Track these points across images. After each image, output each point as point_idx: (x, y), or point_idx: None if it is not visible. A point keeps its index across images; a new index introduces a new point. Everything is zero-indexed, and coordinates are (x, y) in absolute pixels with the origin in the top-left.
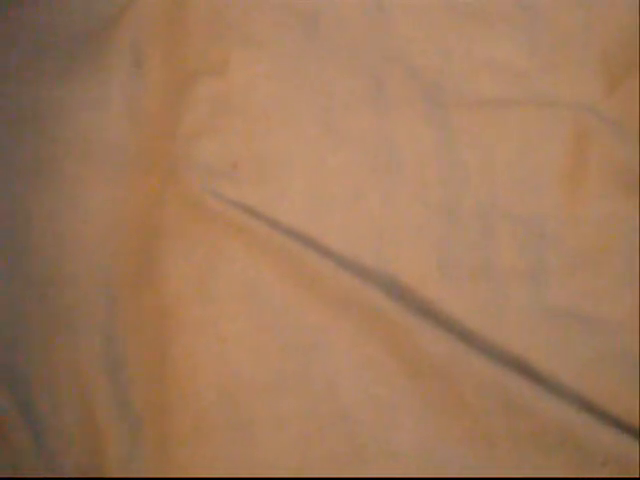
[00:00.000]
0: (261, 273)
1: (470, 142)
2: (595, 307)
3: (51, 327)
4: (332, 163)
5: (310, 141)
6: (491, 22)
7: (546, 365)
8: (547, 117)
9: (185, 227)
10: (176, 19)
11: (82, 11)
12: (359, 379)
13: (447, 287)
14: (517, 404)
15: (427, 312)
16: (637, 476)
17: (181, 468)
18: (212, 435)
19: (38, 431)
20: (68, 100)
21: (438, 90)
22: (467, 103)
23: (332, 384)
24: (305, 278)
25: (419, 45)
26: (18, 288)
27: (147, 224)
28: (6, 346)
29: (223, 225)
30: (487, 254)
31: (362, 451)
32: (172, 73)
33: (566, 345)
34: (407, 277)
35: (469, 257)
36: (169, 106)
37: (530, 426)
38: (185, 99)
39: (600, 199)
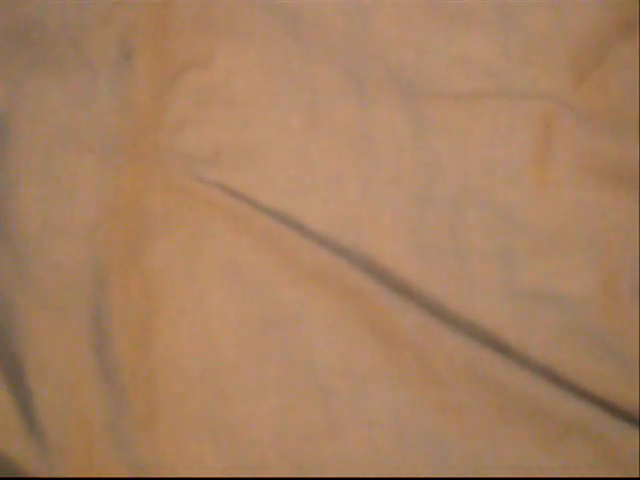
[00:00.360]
0: (243, 251)
1: (443, 132)
2: (561, 286)
3: (38, 307)
4: (313, 151)
5: (293, 131)
6: (466, 21)
7: (515, 340)
8: (517, 108)
9: (170, 210)
10: (164, 13)
11: (75, 7)
12: (335, 351)
13: (422, 268)
14: (487, 376)
15: (402, 290)
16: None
17: (165, 434)
18: (195, 403)
19: (27, 407)
20: (56, 92)
21: (413, 86)
22: (441, 96)
23: (309, 356)
24: (285, 256)
25: (396, 44)
26: (4, 269)
27: (134, 210)
28: None
29: (206, 206)
30: (459, 237)
31: (338, 420)
32: (160, 65)
33: (534, 321)
34: (384, 258)
35: (442, 240)
36: (156, 97)
37: (499, 397)
38: (170, 90)
39: (566, 185)
